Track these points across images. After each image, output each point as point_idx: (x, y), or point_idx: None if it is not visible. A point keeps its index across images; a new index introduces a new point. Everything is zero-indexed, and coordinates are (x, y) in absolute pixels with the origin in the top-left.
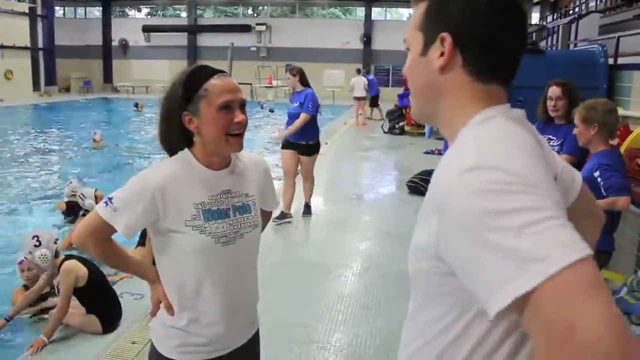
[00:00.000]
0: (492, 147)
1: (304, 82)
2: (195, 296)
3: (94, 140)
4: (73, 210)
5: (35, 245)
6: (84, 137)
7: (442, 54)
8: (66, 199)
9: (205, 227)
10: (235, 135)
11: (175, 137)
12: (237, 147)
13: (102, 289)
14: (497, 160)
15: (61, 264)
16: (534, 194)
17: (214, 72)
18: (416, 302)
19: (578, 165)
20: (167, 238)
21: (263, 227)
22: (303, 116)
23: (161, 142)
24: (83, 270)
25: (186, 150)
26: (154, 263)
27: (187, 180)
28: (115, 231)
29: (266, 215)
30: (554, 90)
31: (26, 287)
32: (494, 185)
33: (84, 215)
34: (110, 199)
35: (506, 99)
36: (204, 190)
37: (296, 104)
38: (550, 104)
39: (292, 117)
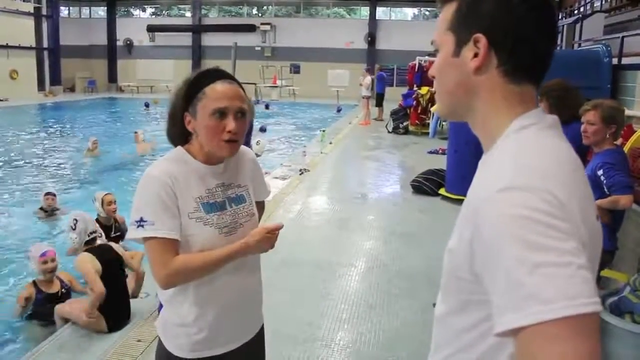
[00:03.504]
0: (529, 164)
1: None
2: (201, 291)
3: (88, 148)
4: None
5: (72, 227)
6: (84, 139)
7: (475, 55)
8: (43, 205)
9: (207, 219)
10: (227, 141)
11: (177, 134)
12: (228, 152)
13: (114, 288)
14: (533, 181)
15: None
16: (561, 231)
17: (221, 76)
18: (448, 305)
19: None
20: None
21: (258, 218)
22: None
23: (167, 137)
24: (96, 263)
25: (179, 147)
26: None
27: (184, 176)
28: (178, 243)
29: (260, 205)
30: None
31: (35, 283)
32: (525, 211)
33: (115, 236)
34: (139, 220)
35: (537, 100)
36: (201, 184)
37: None
38: None
39: None
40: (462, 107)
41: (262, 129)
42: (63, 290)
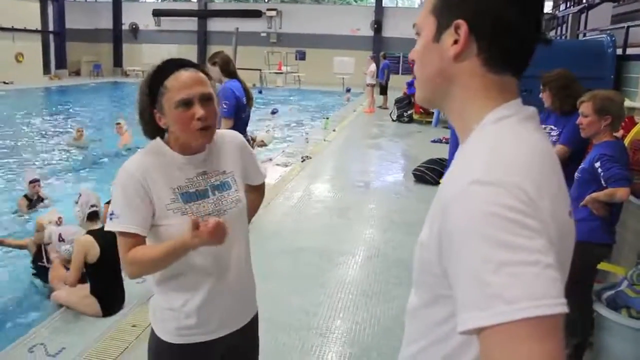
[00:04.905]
0: (503, 158)
1: (229, 72)
2: (188, 276)
3: (74, 137)
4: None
5: (75, 202)
6: (82, 124)
7: (455, 42)
8: (27, 193)
9: (186, 209)
10: (201, 129)
11: (152, 131)
12: (205, 139)
13: (111, 273)
14: (505, 175)
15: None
16: (529, 229)
17: (176, 67)
18: (420, 298)
19: (572, 156)
20: (154, 225)
21: (259, 203)
22: (222, 123)
23: (145, 136)
24: (96, 249)
25: (157, 139)
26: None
27: (161, 167)
28: (142, 237)
29: (257, 189)
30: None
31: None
32: (493, 207)
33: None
34: (111, 213)
35: (518, 91)
36: (180, 173)
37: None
38: None
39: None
40: (440, 95)
41: (274, 112)
42: None
